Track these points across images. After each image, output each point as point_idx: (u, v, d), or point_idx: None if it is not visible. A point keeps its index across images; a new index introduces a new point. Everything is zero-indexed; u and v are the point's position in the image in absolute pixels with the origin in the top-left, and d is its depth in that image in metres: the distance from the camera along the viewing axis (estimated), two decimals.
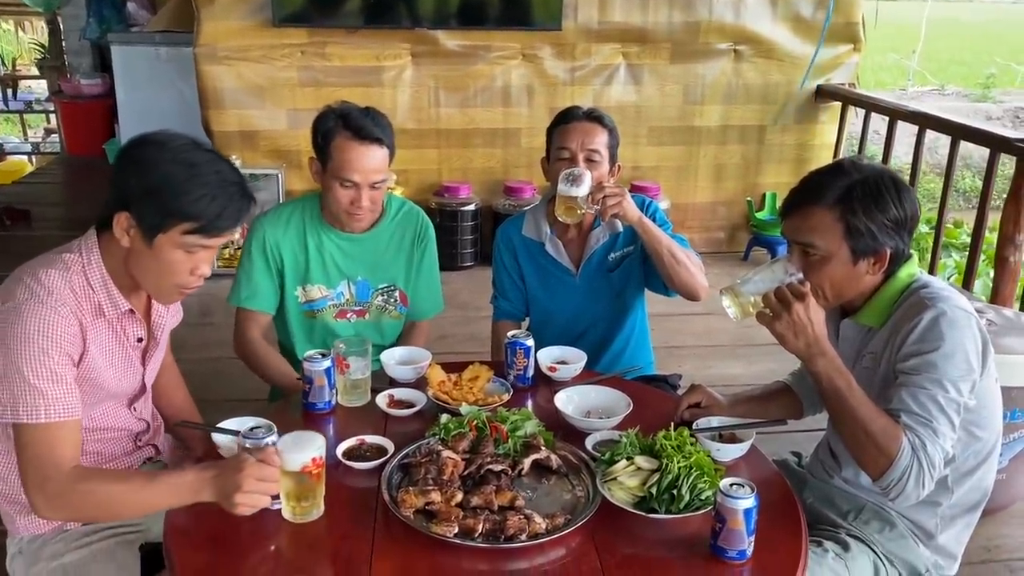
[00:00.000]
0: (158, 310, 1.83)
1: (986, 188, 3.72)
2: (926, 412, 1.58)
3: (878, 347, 1.73)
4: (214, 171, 1.58)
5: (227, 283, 4.61)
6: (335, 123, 2.15)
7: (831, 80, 5.22)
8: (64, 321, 1.56)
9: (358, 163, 2.14)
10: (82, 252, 1.65)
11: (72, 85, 7.78)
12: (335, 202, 2.20)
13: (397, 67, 4.83)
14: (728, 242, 5.52)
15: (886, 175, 1.67)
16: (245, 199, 1.63)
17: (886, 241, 1.65)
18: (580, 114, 2.31)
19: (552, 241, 2.42)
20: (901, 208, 1.64)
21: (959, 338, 1.59)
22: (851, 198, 1.64)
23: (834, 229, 1.66)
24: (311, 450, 1.50)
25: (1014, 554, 2.56)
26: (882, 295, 1.73)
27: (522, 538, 1.45)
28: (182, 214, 1.55)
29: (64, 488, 1.51)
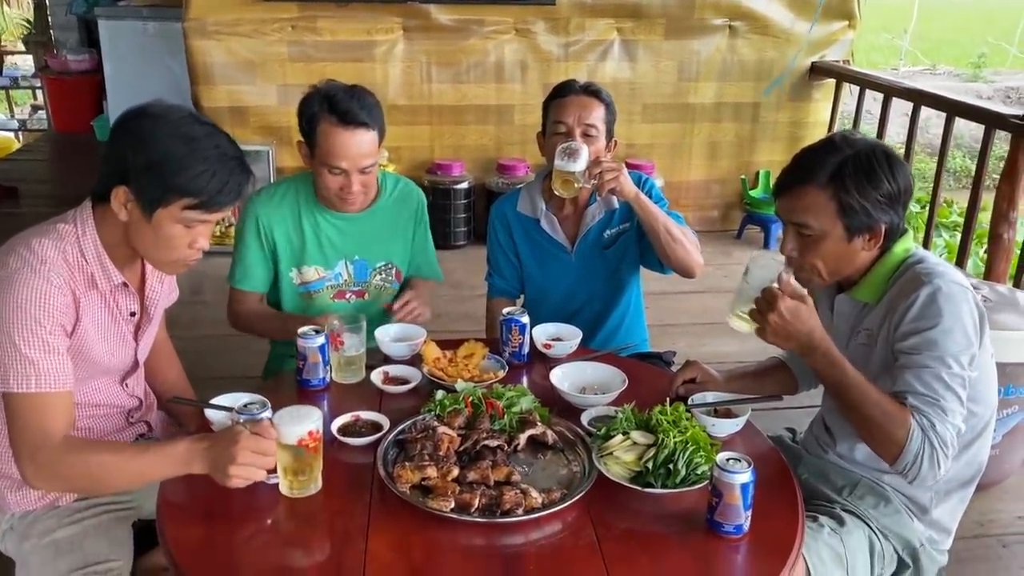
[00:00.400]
0: (152, 286, 1.81)
1: (981, 165, 3.72)
2: (932, 391, 1.57)
3: (874, 324, 1.72)
4: (213, 145, 1.56)
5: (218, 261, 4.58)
6: (320, 107, 2.07)
7: (825, 57, 5.20)
8: (57, 291, 1.54)
9: (345, 150, 2.07)
10: (77, 223, 1.63)
11: (59, 61, 7.68)
12: (325, 187, 2.15)
13: (388, 42, 4.78)
14: (722, 220, 5.51)
15: (878, 149, 1.65)
16: (245, 173, 1.61)
17: (880, 217, 1.64)
18: (577, 88, 2.27)
19: (547, 218, 2.40)
20: (894, 182, 1.62)
21: (957, 312, 1.58)
22: (843, 175, 1.62)
23: (827, 208, 1.64)
24: (308, 423, 1.49)
25: (1007, 529, 2.59)
26: (878, 270, 1.72)
27: (518, 513, 1.44)
28: (183, 190, 1.54)
29: (54, 458, 1.50)
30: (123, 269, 1.69)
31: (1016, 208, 3.46)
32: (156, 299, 1.83)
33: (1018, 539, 2.55)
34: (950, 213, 6.17)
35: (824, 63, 5.17)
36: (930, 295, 1.59)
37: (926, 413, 1.57)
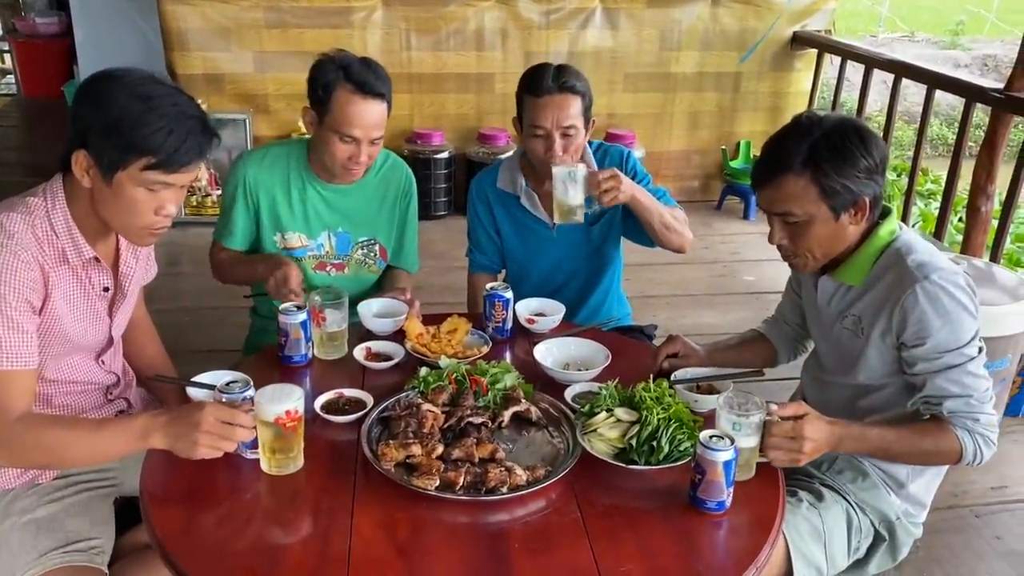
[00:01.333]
0: (127, 261, 1.78)
1: (960, 138, 3.73)
2: (963, 388, 1.62)
3: (865, 312, 1.72)
4: (171, 104, 1.52)
5: (196, 231, 4.56)
6: (336, 75, 2.06)
7: (807, 27, 5.18)
8: (25, 266, 1.52)
9: (360, 119, 2.07)
10: (47, 196, 1.60)
11: (27, 24, 7.49)
12: (331, 155, 2.13)
13: (367, 8, 4.70)
14: (702, 191, 5.52)
15: (847, 126, 1.63)
16: (206, 134, 1.56)
17: (863, 190, 1.64)
18: (551, 85, 2.16)
19: (527, 194, 2.38)
20: (869, 156, 1.61)
21: (959, 302, 1.60)
22: (818, 158, 1.61)
23: (809, 192, 1.63)
24: (287, 402, 1.48)
25: (980, 500, 2.64)
26: (862, 253, 1.72)
27: (503, 491, 1.45)
28: (139, 148, 1.49)
29: (10, 435, 1.48)
30: (95, 243, 1.65)
31: (994, 181, 3.49)
32: (130, 274, 1.79)
33: (990, 510, 2.60)
34: (926, 181, 6.22)
35: (805, 33, 5.16)
36: (930, 296, 1.60)
37: (966, 414, 1.63)
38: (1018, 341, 2.69)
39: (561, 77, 2.18)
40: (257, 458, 1.52)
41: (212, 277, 2.36)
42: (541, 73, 2.20)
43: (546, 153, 2.22)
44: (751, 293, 4.16)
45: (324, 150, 2.14)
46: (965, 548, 2.44)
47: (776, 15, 5.11)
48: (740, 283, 4.32)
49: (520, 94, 2.26)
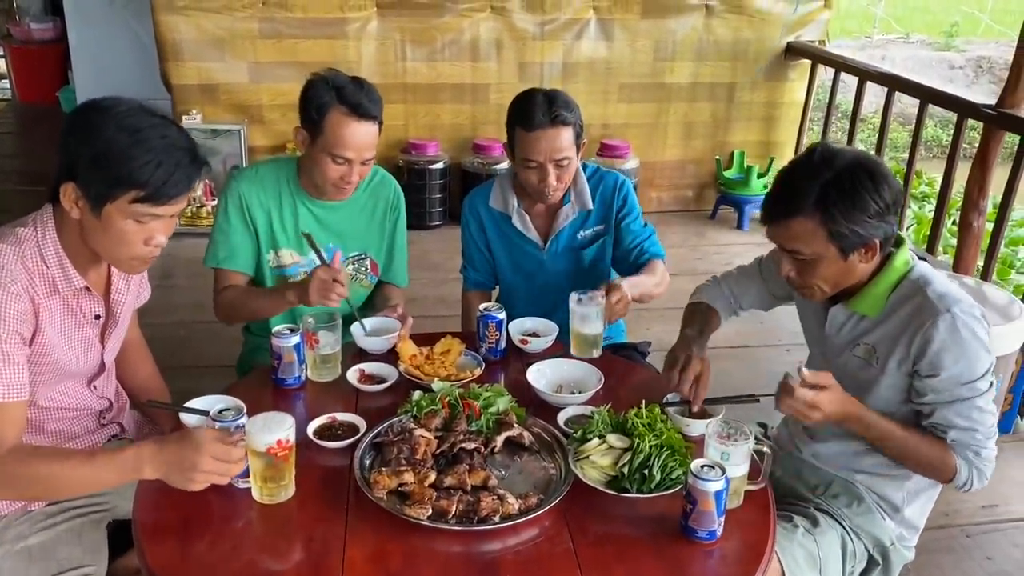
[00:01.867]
0: (118, 288, 1.78)
1: (953, 152, 3.75)
2: (970, 422, 1.64)
3: (880, 342, 1.71)
4: (160, 136, 1.52)
5: (190, 243, 4.53)
6: (330, 96, 2.07)
7: (801, 37, 5.20)
8: (14, 298, 1.51)
9: (353, 140, 2.08)
10: (36, 227, 1.60)
11: (22, 29, 7.49)
12: (323, 175, 2.14)
13: (362, 19, 4.70)
14: (696, 200, 5.54)
15: (859, 167, 1.60)
16: (195, 165, 1.56)
17: (873, 233, 1.62)
18: (542, 118, 2.16)
19: (519, 214, 2.39)
20: (881, 200, 1.60)
21: (976, 337, 1.61)
22: (828, 202, 1.59)
23: (818, 234, 1.62)
24: (278, 432, 1.48)
25: (971, 519, 2.65)
26: (879, 284, 1.71)
27: (495, 520, 1.46)
28: (128, 182, 1.49)
29: (3, 468, 1.49)
30: (86, 272, 1.65)
31: (986, 196, 3.50)
32: (122, 301, 1.79)
33: (980, 529, 2.61)
34: (920, 183, 6.23)
35: (800, 44, 5.18)
36: (951, 328, 1.60)
37: (969, 446, 1.65)
38: (1008, 361, 2.70)
39: (552, 109, 2.17)
40: (248, 487, 1.52)
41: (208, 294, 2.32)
42: (531, 105, 2.19)
43: (540, 183, 2.23)
44: None
45: (316, 170, 2.15)
46: (955, 568, 2.45)
47: (770, 27, 5.13)
48: None
49: (511, 125, 2.26)
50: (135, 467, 1.45)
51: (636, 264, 2.35)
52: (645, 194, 5.32)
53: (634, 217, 2.37)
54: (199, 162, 1.57)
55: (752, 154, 5.38)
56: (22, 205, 1.62)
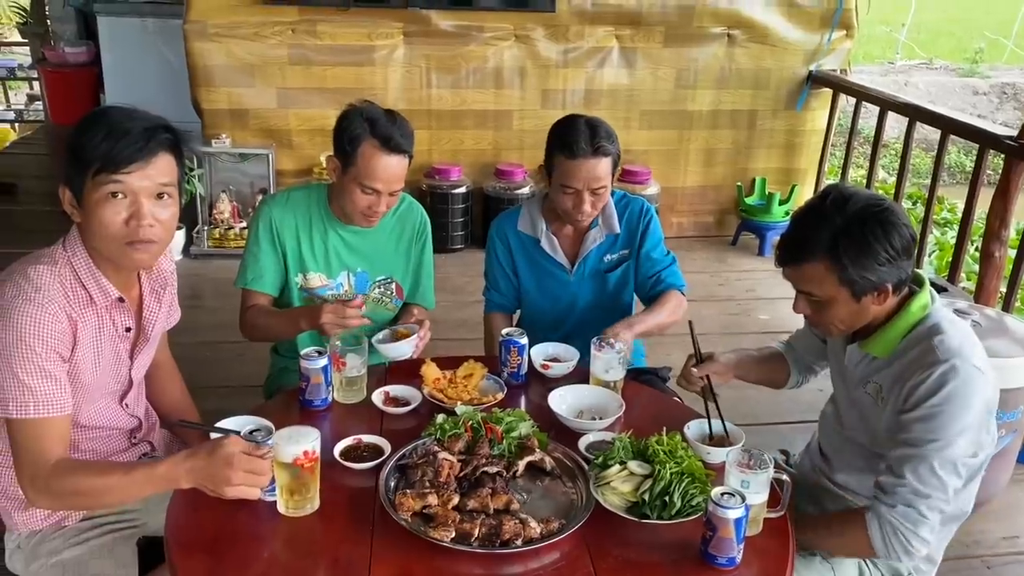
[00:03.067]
0: (149, 306, 1.83)
1: (974, 182, 3.75)
2: (920, 481, 1.60)
3: (886, 383, 1.73)
4: (123, 116, 1.58)
5: (218, 264, 4.63)
6: (363, 129, 2.13)
7: (823, 66, 5.23)
8: (52, 318, 1.57)
9: (383, 173, 2.14)
10: (67, 246, 1.66)
11: (56, 53, 7.65)
12: (352, 204, 2.20)
13: (389, 47, 4.79)
14: (717, 226, 5.55)
15: (870, 215, 1.61)
16: (153, 135, 1.57)
17: (884, 278, 1.64)
18: (586, 149, 2.21)
19: (548, 237, 2.44)
20: (892, 248, 1.61)
21: (967, 398, 1.59)
22: (838, 251, 1.61)
23: (829, 278, 1.65)
24: (304, 443, 1.52)
25: (991, 550, 2.63)
26: (893, 327, 1.71)
27: (517, 543, 1.48)
28: (86, 159, 1.55)
29: (49, 481, 1.55)
30: (119, 286, 1.71)
31: (1008, 227, 3.50)
32: (153, 320, 1.84)
33: (1002, 560, 2.59)
34: (941, 209, 6.22)
35: (822, 73, 5.21)
36: (942, 376, 1.59)
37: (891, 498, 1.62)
38: None
39: (595, 140, 2.23)
40: (274, 501, 1.56)
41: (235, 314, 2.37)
42: (575, 133, 2.24)
43: (574, 208, 2.30)
44: (766, 332, 4.17)
45: (345, 198, 2.21)
46: None
47: (792, 55, 5.18)
48: (755, 322, 4.34)
49: (551, 149, 2.30)
50: (172, 478, 1.50)
51: (652, 293, 2.40)
52: (666, 220, 5.34)
53: (655, 244, 2.42)
54: (161, 132, 1.59)
55: (773, 181, 5.40)
56: (55, 225, 1.67)
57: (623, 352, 2.06)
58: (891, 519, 1.62)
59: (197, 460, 1.49)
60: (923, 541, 1.62)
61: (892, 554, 1.64)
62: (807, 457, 2.03)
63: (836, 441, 1.91)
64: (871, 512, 1.65)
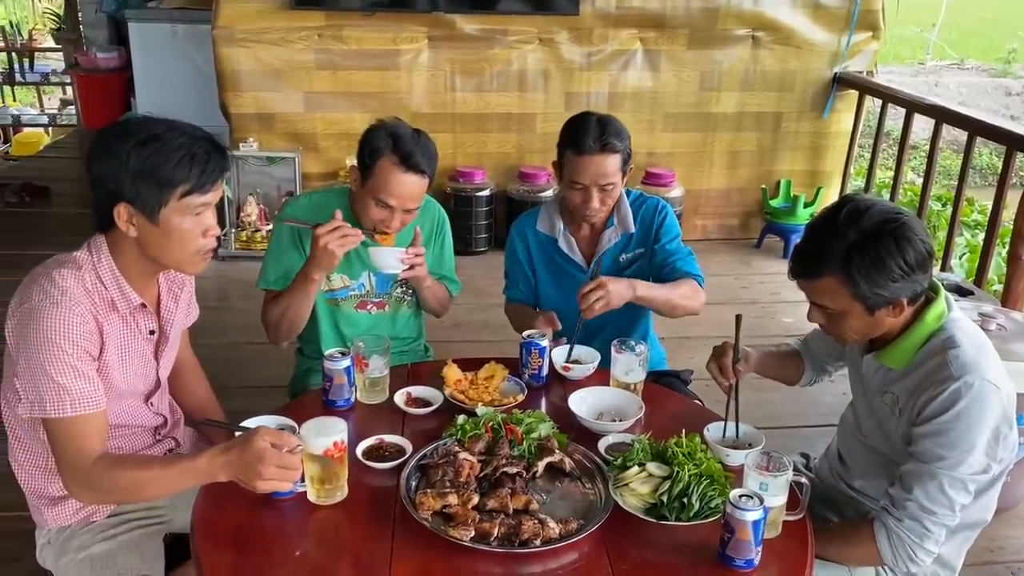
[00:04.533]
0: (167, 306, 1.87)
1: (1002, 184, 3.71)
2: (929, 499, 1.61)
3: (902, 394, 1.72)
4: (180, 135, 1.63)
5: (244, 266, 4.69)
6: (385, 143, 2.15)
7: (848, 68, 5.20)
8: (79, 319, 1.61)
9: (399, 189, 2.16)
10: (91, 251, 1.69)
11: (89, 59, 7.79)
12: (366, 216, 2.23)
13: (413, 51, 4.83)
14: (741, 229, 5.53)
15: (884, 231, 1.59)
16: (219, 150, 1.67)
17: (898, 293, 1.62)
18: (593, 146, 2.24)
19: (565, 237, 2.46)
20: (906, 263, 1.59)
21: (980, 416, 1.58)
22: (851, 267, 1.60)
23: (842, 292, 1.63)
24: (333, 435, 1.57)
25: (1017, 555, 2.60)
26: (908, 338, 1.70)
27: (536, 543, 1.49)
28: (172, 182, 1.60)
29: (91, 476, 1.59)
30: (141, 290, 1.75)
31: None
32: (171, 320, 1.88)
33: None
34: (971, 211, 6.14)
35: (847, 74, 5.17)
36: (955, 392, 1.58)
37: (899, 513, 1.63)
38: None
39: (603, 136, 2.24)
40: (303, 492, 1.60)
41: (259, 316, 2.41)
42: (584, 130, 2.26)
43: (583, 204, 2.31)
44: (789, 336, 4.12)
45: (361, 209, 2.24)
46: None
47: (817, 57, 5.15)
48: (779, 325, 4.32)
49: (562, 146, 2.33)
50: (210, 473, 1.54)
51: (664, 280, 2.39)
52: (690, 222, 5.34)
53: (671, 238, 2.42)
54: (220, 147, 1.69)
55: (799, 183, 5.37)
56: (82, 227, 1.71)
57: (644, 355, 2.07)
58: (898, 531, 1.63)
59: (232, 454, 1.52)
60: (928, 552, 1.64)
61: (899, 563, 1.65)
62: (826, 461, 2.03)
63: (855, 447, 1.91)
64: (879, 522, 1.66)
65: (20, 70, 9.40)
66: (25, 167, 6.99)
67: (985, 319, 2.63)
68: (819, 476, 2.01)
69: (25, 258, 2.27)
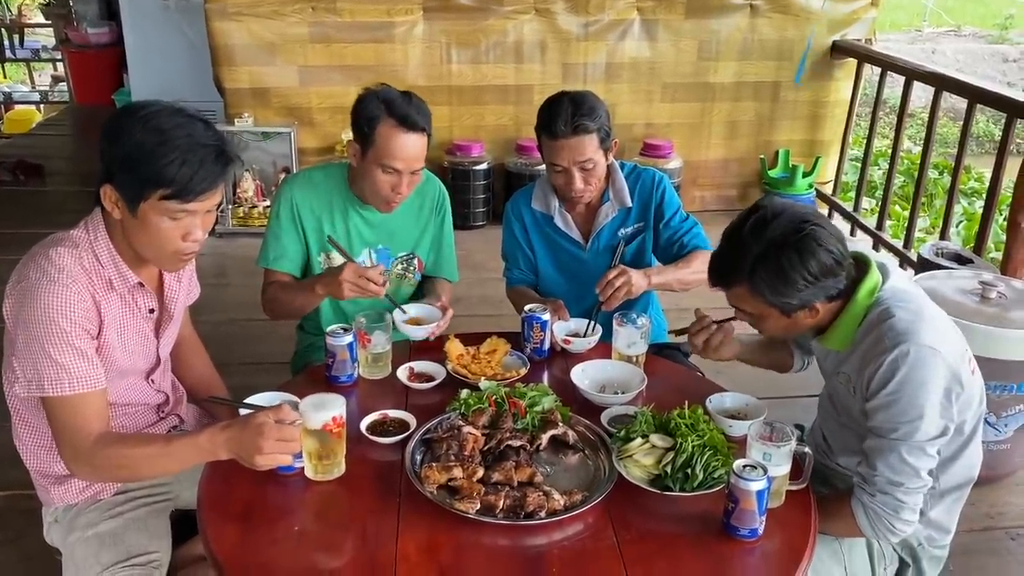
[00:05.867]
0: (170, 285, 1.86)
1: (1001, 152, 3.70)
2: (892, 471, 1.62)
3: (852, 372, 1.72)
4: (185, 135, 1.57)
5: (243, 242, 4.67)
6: (379, 110, 2.14)
7: (847, 36, 5.16)
8: (77, 297, 1.60)
9: (403, 151, 2.15)
10: (88, 229, 1.68)
11: (79, 34, 7.71)
12: (374, 186, 2.21)
13: (408, 22, 4.78)
14: (740, 199, 5.50)
15: (787, 243, 1.58)
16: (220, 161, 1.60)
17: (809, 299, 1.63)
18: (564, 129, 2.22)
19: (561, 214, 2.45)
20: (809, 273, 1.58)
21: (921, 383, 1.58)
22: (756, 280, 1.61)
23: (755, 300, 1.65)
24: (332, 410, 1.57)
25: (1016, 522, 2.62)
26: (844, 320, 1.70)
27: (541, 515, 1.51)
28: (154, 181, 1.55)
29: (92, 455, 1.59)
30: (139, 270, 1.73)
31: None
32: (175, 298, 1.87)
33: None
34: (968, 179, 6.12)
35: (845, 42, 5.13)
36: (893, 363, 1.59)
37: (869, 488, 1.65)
38: None
39: (575, 119, 2.22)
40: (301, 467, 1.60)
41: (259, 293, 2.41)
42: (556, 113, 2.24)
43: (566, 186, 2.31)
44: None
45: (367, 181, 2.22)
46: (999, 571, 2.44)
47: (813, 26, 5.09)
48: None
49: (538, 130, 2.32)
50: (211, 450, 1.54)
51: (676, 258, 2.39)
52: (688, 193, 5.32)
53: (673, 212, 2.42)
54: (226, 158, 1.61)
55: (797, 153, 5.35)
56: (77, 205, 1.69)
57: (645, 327, 2.07)
58: (872, 507, 1.65)
59: (233, 430, 1.53)
60: (906, 522, 1.64)
61: (880, 536, 1.67)
62: (812, 438, 2.04)
63: (833, 427, 1.92)
64: (855, 499, 1.68)
65: (10, 46, 9.29)
66: (18, 144, 6.93)
67: (985, 287, 2.63)
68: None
69: (22, 236, 2.26)
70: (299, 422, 1.54)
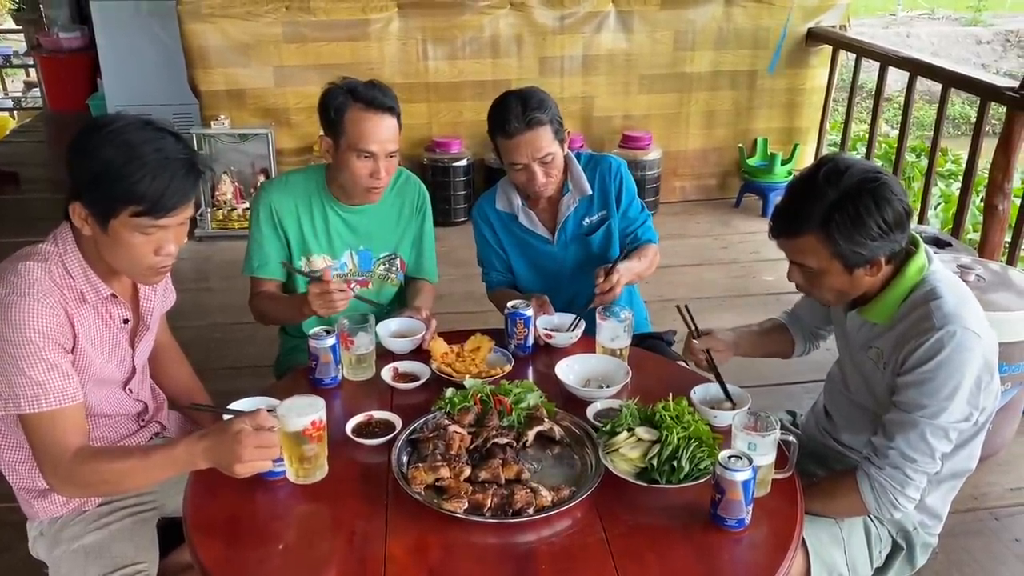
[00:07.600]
0: (146, 294, 1.84)
1: (976, 134, 3.73)
2: (910, 447, 1.64)
3: (887, 348, 1.73)
4: (154, 150, 1.54)
5: (223, 246, 4.64)
6: (345, 98, 2.15)
7: (821, 23, 5.18)
8: (49, 311, 1.57)
9: (374, 133, 2.15)
10: (58, 242, 1.65)
11: (51, 39, 7.62)
12: (352, 175, 2.20)
13: (383, 19, 4.76)
14: (719, 189, 5.54)
15: (864, 188, 1.60)
16: (190, 177, 1.58)
17: (876, 252, 1.64)
18: (518, 125, 2.22)
19: (525, 212, 2.45)
20: (884, 221, 1.60)
21: (960, 366, 1.60)
22: (830, 224, 1.61)
23: (822, 251, 1.65)
24: (311, 414, 1.55)
25: (999, 501, 2.66)
26: (890, 294, 1.71)
27: (529, 512, 1.51)
28: (125, 198, 1.53)
29: (71, 471, 1.57)
30: (110, 281, 1.71)
31: (1011, 179, 3.49)
32: (151, 308, 1.85)
33: (1009, 511, 2.62)
34: (945, 162, 6.16)
35: (820, 29, 5.16)
36: (937, 342, 1.60)
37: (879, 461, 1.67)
38: None
39: (526, 113, 2.22)
40: (283, 472, 1.59)
41: (242, 296, 2.39)
42: (507, 112, 2.25)
43: (529, 182, 2.31)
44: (770, 294, 4.18)
45: (344, 173, 2.21)
46: (984, 550, 2.46)
47: (787, 16, 5.11)
48: (759, 284, 4.35)
49: (491, 133, 2.33)
50: (190, 461, 1.52)
51: (629, 249, 2.42)
52: (668, 184, 5.34)
53: (630, 200, 2.45)
54: (196, 172, 1.60)
55: (775, 141, 5.38)
56: (54, 213, 1.66)
57: (628, 320, 2.07)
58: (880, 479, 1.66)
59: (210, 440, 1.51)
60: (909, 499, 1.67)
61: (883, 511, 1.69)
62: (812, 417, 2.05)
63: (841, 403, 1.93)
64: (861, 471, 1.69)
65: None
66: None
67: (964, 270, 2.65)
68: (805, 432, 2.03)
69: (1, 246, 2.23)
70: (277, 428, 1.53)
